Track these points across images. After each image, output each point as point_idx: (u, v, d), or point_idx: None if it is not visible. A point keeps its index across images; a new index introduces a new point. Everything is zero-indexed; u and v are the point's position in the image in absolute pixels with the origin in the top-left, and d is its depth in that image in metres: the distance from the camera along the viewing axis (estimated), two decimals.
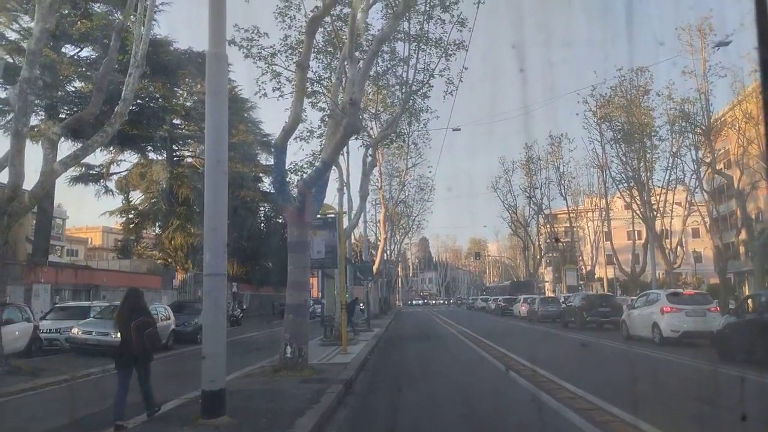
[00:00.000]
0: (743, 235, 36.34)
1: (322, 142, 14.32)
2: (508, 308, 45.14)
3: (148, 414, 7.44)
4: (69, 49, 28.89)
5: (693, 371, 12.30)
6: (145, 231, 46.42)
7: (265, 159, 50.62)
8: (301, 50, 16.91)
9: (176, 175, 40.22)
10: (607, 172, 42.37)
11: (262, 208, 54.35)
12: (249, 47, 16.54)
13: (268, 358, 13.36)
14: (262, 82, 17.40)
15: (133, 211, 43.34)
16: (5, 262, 12.58)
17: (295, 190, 12.60)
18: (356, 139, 19.50)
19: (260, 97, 15.12)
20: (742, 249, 42.07)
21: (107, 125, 14.17)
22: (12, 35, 28.09)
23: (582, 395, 8.81)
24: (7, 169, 12.46)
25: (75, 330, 16.01)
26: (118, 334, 7.44)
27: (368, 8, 14.81)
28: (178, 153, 44.00)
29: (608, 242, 48.36)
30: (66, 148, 25.97)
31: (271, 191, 52.95)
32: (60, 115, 28.19)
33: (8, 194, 11.45)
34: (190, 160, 46.22)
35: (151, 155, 40.68)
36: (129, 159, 40.64)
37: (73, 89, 29.35)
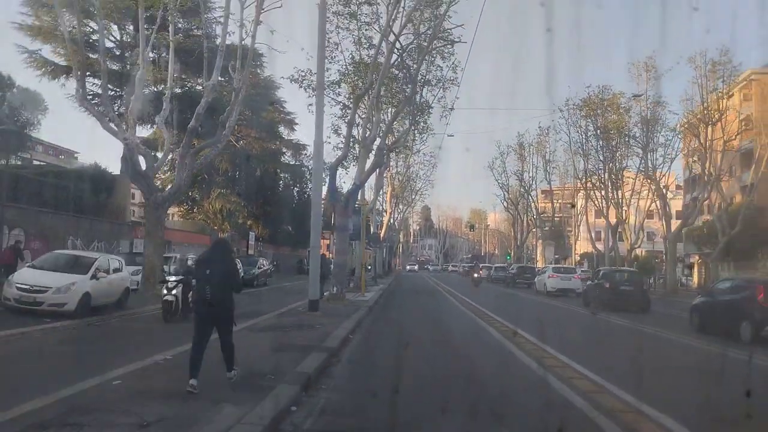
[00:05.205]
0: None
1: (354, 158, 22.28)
2: (471, 272, 62.88)
3: None
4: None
5: (554, 308, 20.93)
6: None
7: (287, 134, 58.35)
8: (337, 81, 24.55)
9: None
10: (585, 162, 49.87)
11: (282, 177, 62.48)
12: (302, 81, 24.29)
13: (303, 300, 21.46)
14: (311, 104, 25.12)
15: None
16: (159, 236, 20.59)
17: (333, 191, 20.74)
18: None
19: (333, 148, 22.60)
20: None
21: (218, 141, 22.00)
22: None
23: (499, 320, 17.14)
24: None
25: None
26: None
27: (391, 51, 22.21)
28: None
29: (597, 220, 56.23)
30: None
31: (291, 163, 60.90)
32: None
33: (175, 196, 19.59)
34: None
35: None
36: None
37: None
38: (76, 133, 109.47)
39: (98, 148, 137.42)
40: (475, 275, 40.93)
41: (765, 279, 15.37)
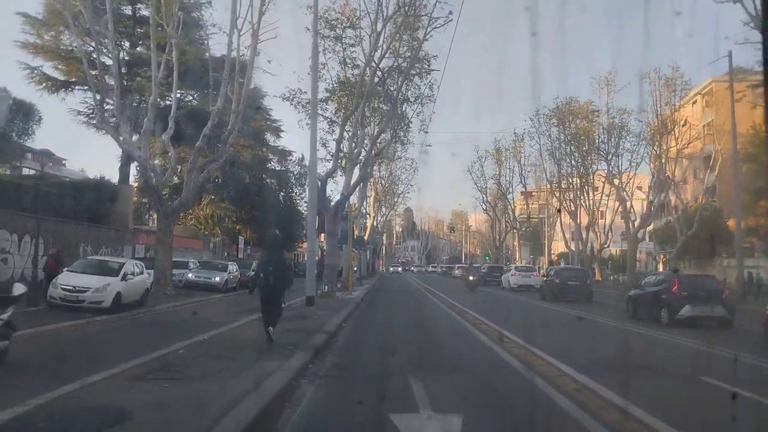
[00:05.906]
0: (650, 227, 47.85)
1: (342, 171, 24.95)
2: (449, 272, 74.13)
3: None
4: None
5: (519, 301, 23.79)
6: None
7: (273, 141, 60.77)
8: (324, 99, 27.15)
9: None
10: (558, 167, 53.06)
11: (269, 183, 64.78)
12: (292, 99, 26.83)
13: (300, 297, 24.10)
14: (300, 120, 27.61)
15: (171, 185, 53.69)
16: (164, 240, 22.98)
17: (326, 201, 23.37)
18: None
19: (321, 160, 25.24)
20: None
21: (218, 156, 24.44)
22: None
23: (468, 311, 19.86)
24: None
25: (190, 275, 26.74)
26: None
27: (373, 76, 24.88)
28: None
29: (571, 221, 59.37)
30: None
31: (276, 168, 63.38)
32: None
33: (184, 207, 22.02)
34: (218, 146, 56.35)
35: None
36: None
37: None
38: (64, 141, 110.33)
39: (84, 155, 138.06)
40: (471, 278, 36.28)
41: (679, 274, 18.26)
